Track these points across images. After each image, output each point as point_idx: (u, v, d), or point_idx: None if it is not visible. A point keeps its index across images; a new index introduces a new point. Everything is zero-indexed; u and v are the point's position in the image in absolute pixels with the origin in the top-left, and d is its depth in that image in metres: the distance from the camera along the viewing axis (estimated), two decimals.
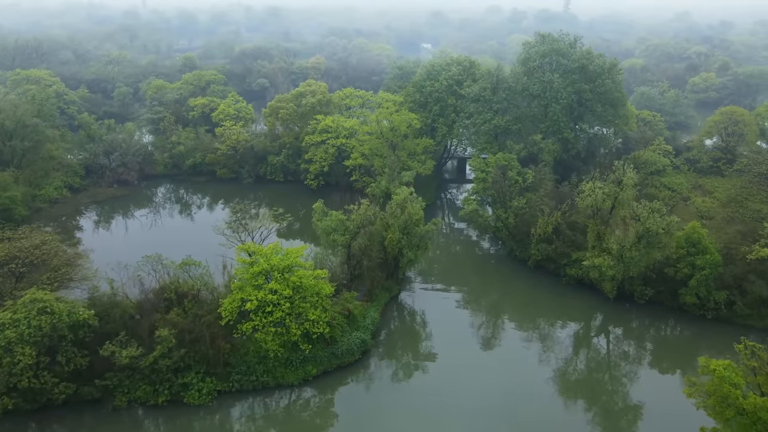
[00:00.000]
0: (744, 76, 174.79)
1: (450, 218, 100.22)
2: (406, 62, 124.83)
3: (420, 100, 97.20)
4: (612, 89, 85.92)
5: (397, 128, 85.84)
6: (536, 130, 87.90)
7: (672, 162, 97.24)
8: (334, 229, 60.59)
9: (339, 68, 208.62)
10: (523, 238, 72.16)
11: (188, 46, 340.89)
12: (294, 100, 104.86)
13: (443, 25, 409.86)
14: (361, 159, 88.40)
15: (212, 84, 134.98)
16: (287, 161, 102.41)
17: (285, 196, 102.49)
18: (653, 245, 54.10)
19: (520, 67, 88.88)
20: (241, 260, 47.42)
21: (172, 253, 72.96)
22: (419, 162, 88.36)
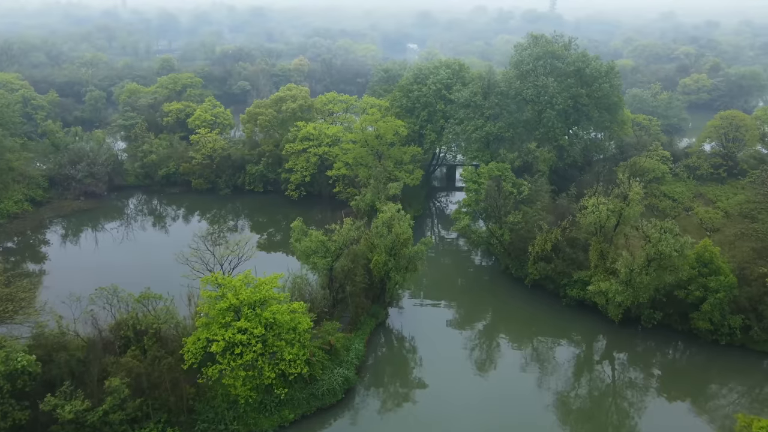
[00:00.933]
0: (736, 77, 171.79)
1: (439, 228, 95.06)
2: (392, 64, 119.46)
3: (407, 105, 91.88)
4: (609, 94, 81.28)
5: (382, 136, 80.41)
6: (530, 137, 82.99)
7: (671, 169, 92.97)
8: (314, 251, 55.01)
9: (323, 70, 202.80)
10: (519, 255, 67.10)
11: (168, 47, 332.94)
12: (274, 105, 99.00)
13: (430, 25, 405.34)
14: (344, 169, 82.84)
15: (189, 88, 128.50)
16: (267, 170, 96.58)
17: (265, 207, 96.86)
18: (665, 268, 49.22)
19: (513, 71, 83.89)
20: (206, 294, 41.76)
21: (140, 275, 67.31)
22: (407, 172, 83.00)
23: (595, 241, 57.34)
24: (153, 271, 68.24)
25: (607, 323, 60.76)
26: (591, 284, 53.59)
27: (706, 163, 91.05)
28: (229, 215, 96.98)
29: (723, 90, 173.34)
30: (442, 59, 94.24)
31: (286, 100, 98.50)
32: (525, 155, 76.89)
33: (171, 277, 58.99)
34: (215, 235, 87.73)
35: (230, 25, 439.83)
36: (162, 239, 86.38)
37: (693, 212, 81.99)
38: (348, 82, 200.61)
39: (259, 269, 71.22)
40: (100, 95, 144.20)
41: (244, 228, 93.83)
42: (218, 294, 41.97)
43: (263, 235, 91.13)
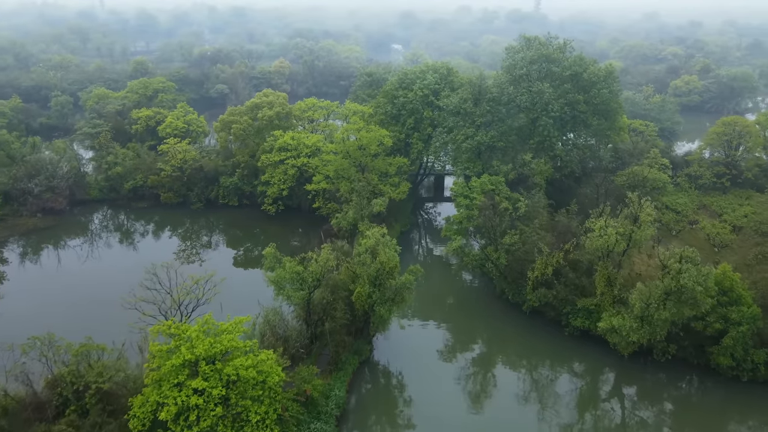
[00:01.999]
0: (727, 79, 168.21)
1: (428, 241, 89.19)
2: (376, 68, 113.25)
3: (392, 112, 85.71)
4: (609, 100, 75.81)
5: (365, 147, 74.19)
6: (524, 146, 77.24)
7: (671, 178, 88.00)
8: (288, 282, 48.64)
9: (305, 72, 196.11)
10: (516, 278, 61.27)
11: (146, 48, 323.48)
12: (249, 112, 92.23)
13: (414, 25, 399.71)
14: (324, 183, 76.46)
15: (161, 93, 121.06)
16: (242, 183, 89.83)
17: (241, 222, 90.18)
18: (685, 302, 43.61)
19: (505, 75, 78.10)
20: (155, 349, 35.15)
21: (98, 307, 60.65)
22: (392, 185, 76.86)
23: (601, 267, 51.66)
24: (113, 299, 61.22)
25: (613, 355, 55.06)
26: (601, 319, 47.84)
27: (709, 172, 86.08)
28: (203, 230, 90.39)
29: (714, 92, 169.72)
30: (429, 63, 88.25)
31: (262, 106, 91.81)
32: (520, 167, 71.12)
33: (130, 312, 52.28)
34: (185, 256, 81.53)
35: (211, 26, 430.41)
36: (130, 258, 79.52)
37: (698, 226, 76.90)
38: (331, 84, 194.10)
39: (232, 294, 64.93)
40: (67, 100, 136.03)
41: (219, 244, 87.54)
42: (171, 347, 35.40)
43: (239, 251, 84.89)
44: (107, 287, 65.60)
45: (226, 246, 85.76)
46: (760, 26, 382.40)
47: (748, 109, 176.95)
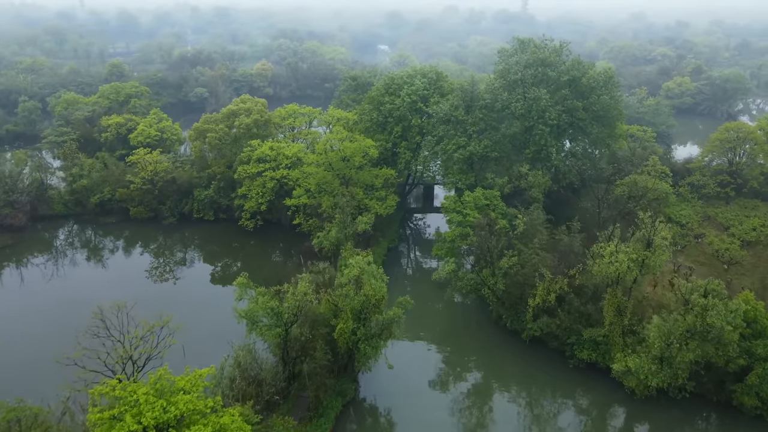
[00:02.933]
0: (720, 81, 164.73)
1: (417, 254, 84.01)
2: (361, 72, 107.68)
3: (378, 119, 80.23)
4: (610, 107, 70.94)
5: (350, 158, 68.67)
6: (519, 156, 72.12)
7: (672, 187, 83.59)
8: (262, 317, 43.02)
9: (288, 75, 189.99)
10: (515, 303, 56.07)
11: (126, 49, 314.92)
12: (225, 120, 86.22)
13: (400, 26, 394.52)
14: (305, 197, 70.77)
15: (133, 98, 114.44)
16: (218, 195, 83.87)
17: (217, 238, 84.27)
18: (711, 341, 38.63)
19: (499, 81, 72.95)
20: (95, 417, 29.27)
21: (54, 342, 54.36)
22: (378, 200, 71.36)
23: (610, 295, 46.59)
24: (67, 336, 55.19)
25: (623, 389, 50.10)
26: (614, 360, 42.74)
27: (712, 181, 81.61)
28: (177, 246, 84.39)
29: (707, 94, 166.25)
30: (416, 67, 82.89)
31: (239, 114, 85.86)
32: (516, 180, 66.00)
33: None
34: (158, 273, 75.84)
35: (194, 27, 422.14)
36: (98, 279, 73.99)
37: (704, 240, 72.31)
38: (315, 87, 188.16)
39: (202, 325, 59.06)
40: (35, 106, 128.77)
41: (194, 261, 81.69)
42: (114, 413, 29.60)
43: (216, 267, 79.14)
44: (79, 307, 59.57)
45: (202, 261, 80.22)
46: (747, 26, 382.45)
47: (741, 111, 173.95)
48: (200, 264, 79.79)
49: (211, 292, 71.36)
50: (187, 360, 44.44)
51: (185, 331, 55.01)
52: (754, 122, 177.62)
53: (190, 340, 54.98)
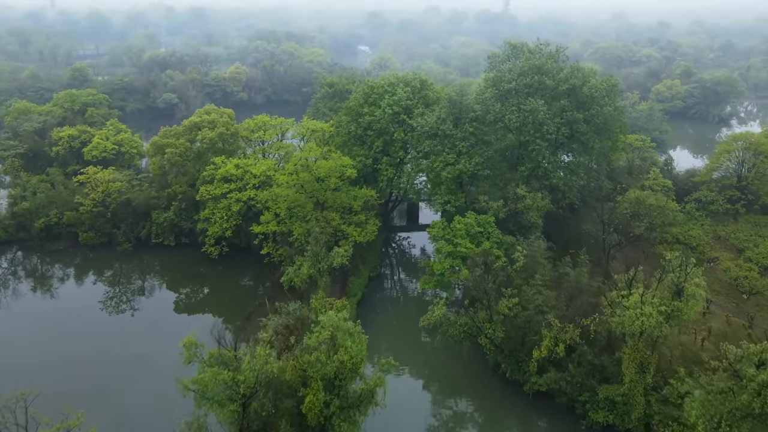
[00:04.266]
0: (711, 83, 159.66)
1: (401, 274, 76.60)
2: (339, 78, 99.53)
3: (356, 132, 72.28)
4: (613, 118, 63.91)
5: (324, 179, 60.65)
6: (514, 174, 64.64)
7: (675, 201, 77.12)
8: (214, 390, 34.85)
9: (264, 78, 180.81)
10: (515, 349, 48.53)
11: (96, 51, 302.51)
12: (187, 133, 77.55)
13: (381, 26, 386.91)
14: (274, 224, 62.47)
15: (90, 107, 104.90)
16: (179, 218, 75.27)
17: (178, 266, 75.93)
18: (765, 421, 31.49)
19: (490, 90, 65.43)
20: None
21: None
22: (357, 225, 63.42)
23: (631, 348, 39.28)
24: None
25: None
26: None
27: (721, 197, 75.12)
28: (134, 273, 75.71)
29: (698, 97, 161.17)
30: (399, 75, 75.09)
31: (202, 126, 77.29)
32: (513, 202, 58.49)
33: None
34: (113, 304, 67.42)
35: (168, 28, 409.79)
36: (44, 312, 65.19)
37: (717, 264, 65.61)
38: (292, 91, 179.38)
39: (149, 378, 51.09)
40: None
41: (155, 289, 73.19)
42: None
43: (180, 294, 70.86)
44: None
45: (167, 288, 72.21)
46: (728, 27, 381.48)
47: (733, 115, 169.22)
48: (161, 292, 71.72)
49: (166, 329, 62.98)
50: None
51: (122, 402, 47.39)
52: (744, 127, 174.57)
53: (130, 409, 47.39)
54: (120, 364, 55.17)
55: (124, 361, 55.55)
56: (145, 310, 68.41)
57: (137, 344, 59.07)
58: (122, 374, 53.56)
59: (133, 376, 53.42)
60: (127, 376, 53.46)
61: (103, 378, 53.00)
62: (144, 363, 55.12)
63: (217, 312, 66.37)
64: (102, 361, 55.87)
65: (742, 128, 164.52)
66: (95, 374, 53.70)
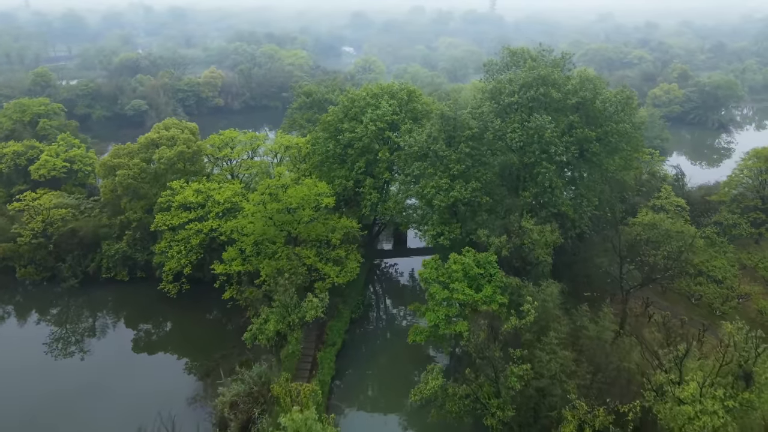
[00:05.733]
0: (710, 87, 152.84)
1: (388, 308, 68.05)
2: (317, 86, 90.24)
3: (335, 151, 63.29)
4: (631, 136, 55.75)
5: (296, 209, 51.65)
6: (516, 200, 56.02)
7: (689, 221, 69.38)
8: None
9: (241, 83, 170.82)
10: (527, 423, 39.88)
11: (69, 53, 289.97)
12: (143, 152, 68.03)
13: (366, 26, 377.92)
14: (239, 262, 53.28)
15: (42, 118, 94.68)
16: (133, 249, 65.75)
17: (133, 303, 66.59)
18: None
19: (488, 104, 56.74)
20: None
21: None
22: (336, 263, 54.44)
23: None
24: None
25: None
26: None
27: (744, 220, 67.29)
28: (84, 311, 66.37)
29: (696, 101, 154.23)
30: (383, 84, 66.22)
31: (160, 143, 67.82)
32: (517, 236, 49.91)
33: None
34: (60, 347, 59.24)
35: (147, 28, 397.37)
36: None
37: (747, 300, 57.67)
38: (272, 96, 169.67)
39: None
40: None
41: (108, 329, 64.02)
42: None
43: (136, 335, 61.80)
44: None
45: (122, 327, 63.37)
46: (716, 27, 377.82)
47: (733, 121, 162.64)
48: (114, 334, 63.20)
49: (120, 375, 54.53)
50: None
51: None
52: (745, 132, 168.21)
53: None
54: (67, 413, 47.66)
55: (71, 411, 47.92)
56: (96, 353, 59.85)
57: (87, 392, 51.05)
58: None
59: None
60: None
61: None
62: (92, 415, 46.63)
63: (179, 354, 57.96)
64: (47, 411, 48.21)
65: (742, 134, 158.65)
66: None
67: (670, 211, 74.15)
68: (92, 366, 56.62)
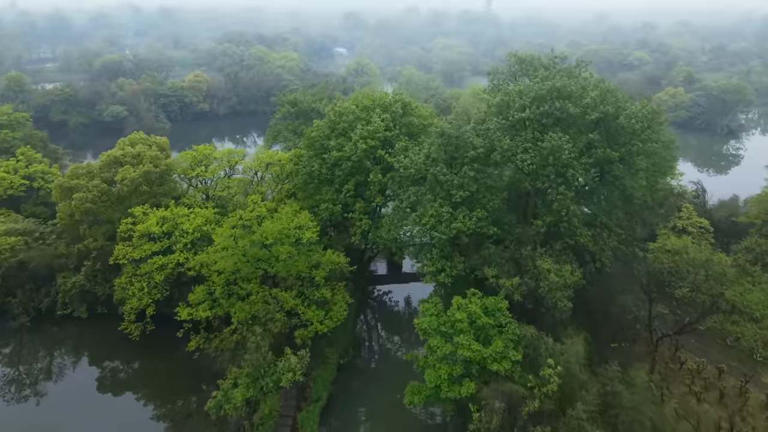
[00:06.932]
0: (718, 91, 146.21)
1: (382, 346, 60.85)
2: (303, 95, 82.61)
3: (320, 171, 55.78)
4: (659, 157, 48.65)
5: (273, 244, 44.17)
6: (527, 230, 48.66)
7: (712, 245, 62.55)
8: None
9: (228, 87, 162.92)
10: None
11: (52, 55, 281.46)
12: (105, 171, 60.38)
13: (359, 27, 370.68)
14: (206, 308, 45.73)
15: (4, 129, 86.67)
16: (93, 283, 58.07)
17: (96, 340, 59.10)
18: None
19: (496, 119, 49.36)
20: None
21: None
22: (319, 305, 46.98)
23: None
24: None
25: None
26: None
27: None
28: (41, 351, 59.03)
29: (704, 106, 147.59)
30: (375, 96, 58.73)
31: (123, 162, 60.18)
32: (532, 278, 42.67)
33: None
34: (13, 391, 52.12)
35: (136, 29, 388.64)
36: None
37: None
38: (260, 101, 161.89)
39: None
40: None
41: (66, 370, 56.76)
42: None
43: (102, 374, 54.88)
44: None
45: (85, 366, 56.62)
46: (715, 27, 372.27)
47: (743, 127, 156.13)
48: (73, 376, 55.86)
49: (80, 421, 47.00)
50: None
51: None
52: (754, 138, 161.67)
53: None
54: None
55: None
56: (53, 397, 52.86)
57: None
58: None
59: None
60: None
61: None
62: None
63: (146, 400, 51.09)
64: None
65: (750, 139, 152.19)
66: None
67: (692, 233, 67.38)
68: (49, 411, 50.46)
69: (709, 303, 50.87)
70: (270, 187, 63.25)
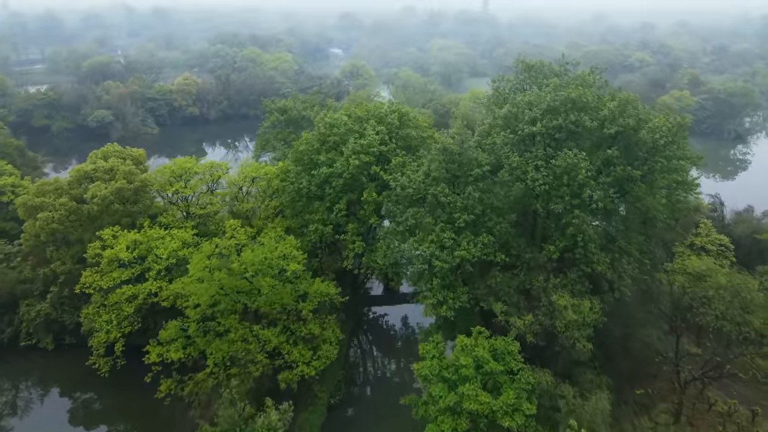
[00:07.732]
0: (725, 94, 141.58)
1: (378, 378, 55.72)
2: (293, 101, 77.42)
3: (309, 188, 50.72)
4: (685, 173, 43.85)
5: (254, 276, 39.12)
6: (538, 256, 43.69)
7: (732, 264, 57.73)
8: None
9: (218, 90, 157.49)
10: None
11: (42, 56, 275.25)
12: (74, 187, 55.17)
13: (354, 28, 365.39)
14: (178, 347, 40.61)
15: None
16: (59, 311, 52.90)
17: (64, 373, 53.91)
18: None
19: (503, 134, 44.35)
20: None
21: None
22: (306, 342, 41.90)
23: None
24: None
25: None
26: None
27: None
28: (5, 384, 54.07)
29: (710, 109, 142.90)
30: (369, 106, 53.72)
31: (95, 177, 54.99)
32: (546, 315, 37.74)
33: None
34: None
35: (129, 29, 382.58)
36: None
37: None
38: (251, 104, 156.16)
39: None
40: None
41: (32, 405, 51.87)
42: None
43: (71, 411, 50.02)
44: None
45: (53, 403, 51.59)
46: (714, 27, 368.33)
47: (751, 131, 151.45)
48: (41, 411, 51.15)
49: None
50: None
51: None
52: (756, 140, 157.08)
53: None
54: None
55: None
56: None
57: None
58: None
59: None
60: None
61: None
62: None
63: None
64: None
65: (757, 143, 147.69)
66: None
67: (711, 251, 62.52)
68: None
69: (735, 333, 46.11)
70: (256, 203, 58.28)
